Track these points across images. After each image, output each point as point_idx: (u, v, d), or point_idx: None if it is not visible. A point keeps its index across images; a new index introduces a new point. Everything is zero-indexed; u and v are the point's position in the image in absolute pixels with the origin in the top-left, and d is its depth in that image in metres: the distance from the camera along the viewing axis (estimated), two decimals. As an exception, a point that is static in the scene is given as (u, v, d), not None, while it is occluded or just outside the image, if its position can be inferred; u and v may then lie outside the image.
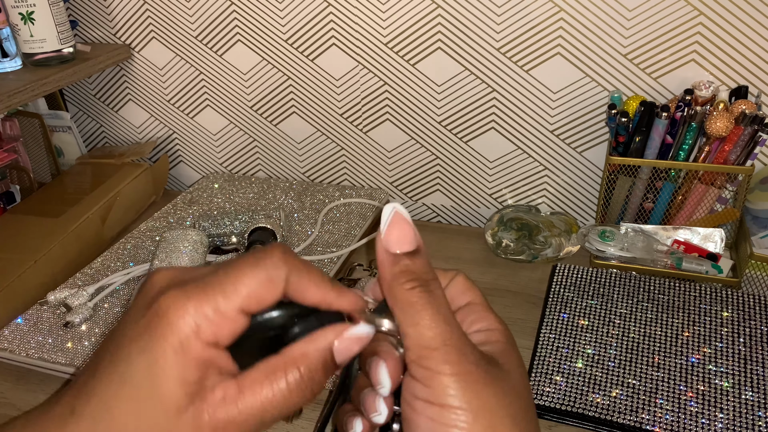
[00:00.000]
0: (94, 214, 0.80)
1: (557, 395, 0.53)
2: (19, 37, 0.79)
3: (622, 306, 0.61)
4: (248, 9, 0.83)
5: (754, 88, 0.69)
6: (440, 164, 0.86)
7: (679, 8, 0.67)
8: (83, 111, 1.02)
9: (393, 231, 0.28)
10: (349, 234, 0.77)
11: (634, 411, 0.51)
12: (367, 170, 0.90)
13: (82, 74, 0.83)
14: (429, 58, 0.79)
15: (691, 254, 0.67)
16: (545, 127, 0.79)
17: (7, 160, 0.88)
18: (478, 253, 0.78)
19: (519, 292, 0.70)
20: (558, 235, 0.74)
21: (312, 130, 0.90)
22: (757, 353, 0.55)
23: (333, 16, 0.80)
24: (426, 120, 0.83)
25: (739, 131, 0.62)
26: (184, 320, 0.25)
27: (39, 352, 0.61)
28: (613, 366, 0.55)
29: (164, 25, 0.89)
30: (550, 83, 0.76)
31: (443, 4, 0.75)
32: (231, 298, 0.25)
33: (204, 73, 0.91)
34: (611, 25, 0.70)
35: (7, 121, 0.89)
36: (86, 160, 0.94)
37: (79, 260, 0.76)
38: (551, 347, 0.58)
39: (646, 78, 0.72)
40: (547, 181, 0.82)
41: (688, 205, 0.69)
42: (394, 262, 0.28)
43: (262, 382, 0.26)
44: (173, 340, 0.25)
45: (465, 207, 0.88)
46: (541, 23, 0.73)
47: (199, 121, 0.96)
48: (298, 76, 0.86)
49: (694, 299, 0.61)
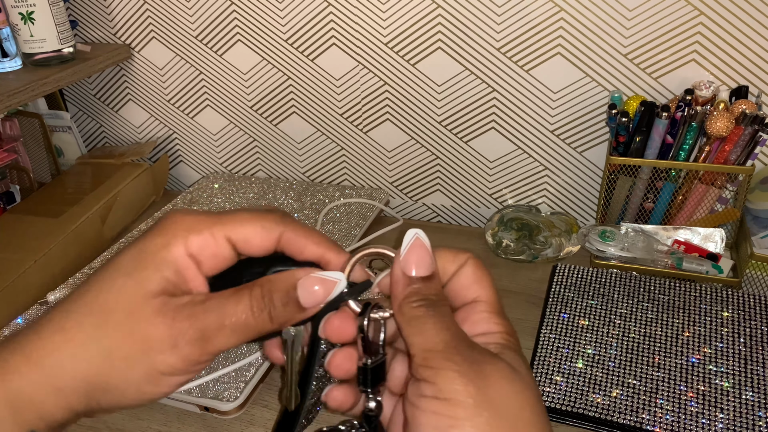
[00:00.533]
0: (94, 214, 0.80)
1: (557, 395, 0.53)
2: (19, 37, 0.79)
3: (622, 306, 0.61)
4: (248, 9, 0.83)
5: (754, 88, 0.69)
6: (440, 164, 0.86)
7: (679, 8, 0.67)
8: (83, 111, 1.02)
9: (412, 255, 0.30)
10: (349, 234, 0.77)
11: (635, 411, 0.51)
12: (367, 170, 0.90)
13: (82, 74, 0.83)
14: (429, 58, 0.79)
15: (691, 254, 0.67)
16: (545, 127, 0.79)
17: (7, 160, 0.88)
18: (478, 253, 0.77)
19: (519, 292, 0.70)
20: (558, 235, 0.74)
21: (312, 130, 0.90)
22: (758, 353, 0.55)
23: (333, 16, 0.80)
24: (426, 120, 0.83)
25: (739, 131, 0.62)
26: (176, 226, 0.30)
27: (39, 352, 0.61)
28: (614, 366, 0.55)
29: (164, 25, 0.89)
30: (550, 83, 0.76)
31: (443, 4, 0.75)
32: (224, 227, 0.30)
33: (204, 73, 0.91)
34: (611, 25, 0.70)
35: (7, 121, 0.89)
36: (86, 160, 0.94)
37: (79, 260, 0.76)
38: (551, 347, 0.58)
39: (647, 78, 0.72)
40: (547, 181, 0.82)
41: (688, 205, 0.69)
42: (408, 284, 0.30)
43: (228, 296, 0.30)
44: (162, 239, 0.29)
45: (465, 207, 0.88)
46: (541, 23, 0.73)
47: (199, 121, 0.96)
48: (298, 76, 0.86)
49: (695, 299, 0.61)
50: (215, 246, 0.30)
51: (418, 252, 0.30)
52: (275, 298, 0.29)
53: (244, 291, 0.29)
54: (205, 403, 0.54)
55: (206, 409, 0.55)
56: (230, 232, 0.30)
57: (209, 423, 0.56)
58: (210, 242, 0.30)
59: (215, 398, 0.54)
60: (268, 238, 0.30)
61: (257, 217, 0.30)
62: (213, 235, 0.30)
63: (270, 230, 0.30)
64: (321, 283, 0.30)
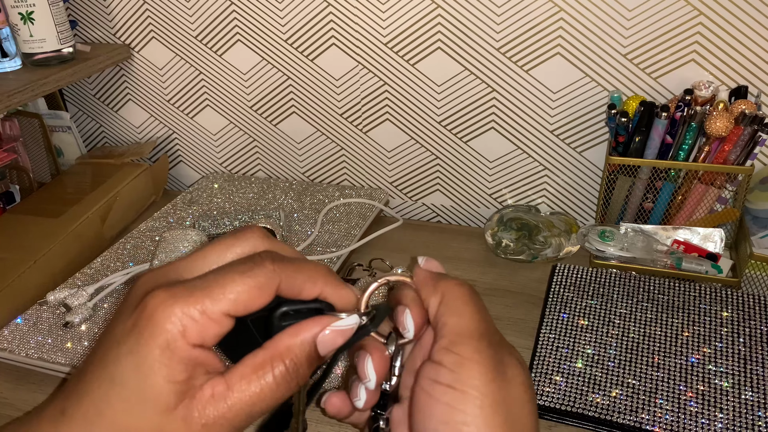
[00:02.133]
0: (93, 214, 0.80)
1: (557, 395, 0.53)
2: (19, 37, 0.79)
3: (621, 306, 0.61)
4: (248, 9, 0.83)
5: (753, 88, 0.69)
6: (440, 164, 0.86)
7: (679, 8, 0.67)
8: (83, 111, 1.02)
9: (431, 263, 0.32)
10: (348, 234, 0.77)
11: (634, 411, 0.51)
12: (367, 170, 0.90)
13: (81, 74, 0.83)
14: (429, 58, 0.79)
15: (690, 254, 0.67)
16: (545, 127, 0.79)
17: (7, 160, 0.88)
18: (478, 253, 0.78)
19: (519, 292, 0.70)
20: (558, 235, 0.74)
21: (312, 130, 0.90)
22: (757, 353, 0.55)
23: (333, 16, 0.80)
24: (426, 120, 0.83)
25: (738, 131, 0.62)
26: (170, 321, 0.25)
27: (39, 352, 0.61)
28: (613, 366, 0.55)
29: (164, 25, 0.89)
30: (550, 83, 0.76)
31: (443, 4, 0.75)
32: (218, 302, 0.26)
33: (204, 73, 0.91)
34: (611, 25, 0.70)
35: (7, 121, 0.89)
36: (86, 160, 0.94)
37: (78, 260, 0.76)
38: (551, 347, 0.58)
39: (646, 78, 0.72)
40: (546, 181, 0.82)
41: (687, 205, 0.69)
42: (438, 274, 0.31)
43: (250, 377, 0.26)
44: (160, 340, 0.25)
45: (465, 207, 0.88)
46: (541, 23, 0.73)
47: (199, 121, 0.96)
48: (298, 76, 0.86)
49: (694, 299, 0.61)
50: (215, 326, 0.26)
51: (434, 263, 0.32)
52: (301, 369, 0.28)
53: (266, 370, 0.27)
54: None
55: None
56: (226, 307, 0.26)
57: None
58: (208, 324, 0.26)
59: None
60: (265, 298, 0.27)
61: (248, 277, 0.27)
62: (209, 317, 0.26)
63: (266, 288, 0.27)
64: (341, 334, 0.28)
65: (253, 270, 0.27)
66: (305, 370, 0.28)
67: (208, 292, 0.26)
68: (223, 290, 0.26)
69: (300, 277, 0.28)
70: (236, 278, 0.26)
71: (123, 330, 0.26)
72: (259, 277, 0.27)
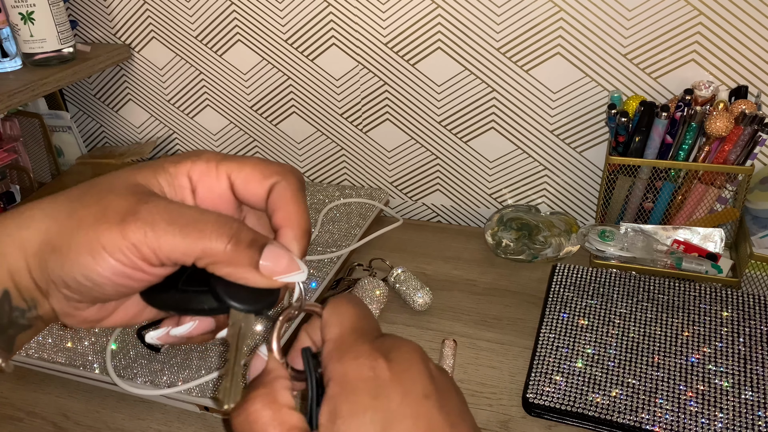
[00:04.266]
0: (94, 214, 0.80)
1: (557, 395, 0.53)
2: (19, 37, 0.79)
3: (621, 306, 0.61)
4: (248, 9, 0.84)
5: (753, 88, 0.69)
6: (440, 164, 0.86)
7: (679, 8, 0.67)
8: (83, 111, 1.02)
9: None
10: (349, 234, 0.77)
11: (634, 411, 0.51)
12: (367, 170, 0.90)
13: (82, 74, 0.83)
14: (429, 58, 0.79)
15: (690, 254, 0.67)
16: (545, 127, 0.79)
17: (7, 160, 0.88)
18: (478, 253, 0.78)
19: (519, 291, 0.70)
20: (558, 235, 0.74)
21: (312, 130, 0.90)
22: (757, 353, 0.55)
23: (333, 16, 0.80)
24: (426, 120, 0.83)
25: (738, 131, 0.62)
26: (189, 153, 0.31)
27: (39, 352, 0.61)
28: (613, 366, 0.55)
29: (164, 25, 0.89)
30: (550, 83, 0.76)
31: (443, 4, 0.75)
32: (229, 164, 0.31)
33: (204, 73, 0.91)
34: (611, 25, 0.70)
35: (7, 121, 0.89)
36: (86, 160, 0.95)
37: (79, 260, 0.76)
38: (551, 347, 0.58)
39: (646, 78, 0.72)
40: (547, 181, 0.82)
41: (687, 205, 0.69)
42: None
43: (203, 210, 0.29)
44: (175, 157, 0.31)
45: (465, 207, 0.88)
46: (541, 23, 0.73)
47: (199, 121, 0.96)
48: (298, 76, 0.86)
49: (694, 299, 0.61)
50: (215, 179, 0.30)
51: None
52: (243, 229, 0.28)
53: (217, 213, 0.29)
54: (205, 403, 0.55)
55: (206, 409, 0.56)
56: (232, 171, 0.30)
57: (209, 423, 0.56)
58: (212, 173, 0.30)
59: (215, 398, 0.54)
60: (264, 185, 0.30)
61: (260, 164, 0.31)
62: (216, 168, 0.30)
63: (268, 177, 0.30)
64: (288, 258, 0.29)
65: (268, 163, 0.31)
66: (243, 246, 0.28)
67: (224, 156, 0.31)
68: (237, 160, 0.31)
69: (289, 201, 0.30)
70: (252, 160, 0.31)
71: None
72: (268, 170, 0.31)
